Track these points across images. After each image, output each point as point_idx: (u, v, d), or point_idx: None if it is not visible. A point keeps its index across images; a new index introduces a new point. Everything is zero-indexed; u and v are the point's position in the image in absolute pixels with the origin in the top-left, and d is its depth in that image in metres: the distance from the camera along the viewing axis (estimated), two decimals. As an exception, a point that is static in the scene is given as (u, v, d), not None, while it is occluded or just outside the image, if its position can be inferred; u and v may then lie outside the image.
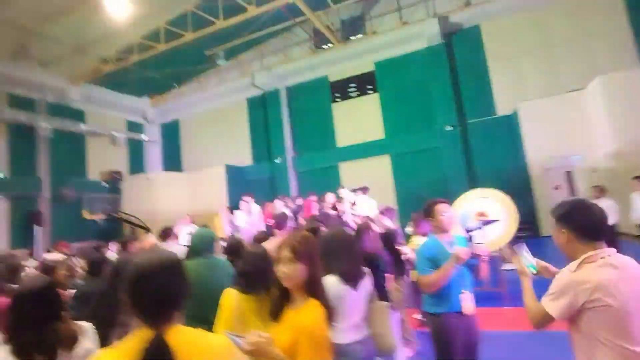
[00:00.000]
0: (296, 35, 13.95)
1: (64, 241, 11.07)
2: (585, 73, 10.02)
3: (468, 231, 7.40)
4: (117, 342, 1.19)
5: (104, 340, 1.77)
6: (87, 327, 1.82)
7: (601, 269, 1.55)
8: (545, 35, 11.21)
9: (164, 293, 1.14)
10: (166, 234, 5.39)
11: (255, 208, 10.09)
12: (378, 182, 11.53)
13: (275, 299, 1.73)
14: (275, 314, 1.69)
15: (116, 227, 13.49)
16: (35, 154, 12.59)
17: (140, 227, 12.94)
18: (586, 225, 1.64)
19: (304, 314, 1.62)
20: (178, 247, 5.19)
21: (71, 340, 1.71)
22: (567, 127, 10.05)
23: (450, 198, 10.31)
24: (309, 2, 11.05)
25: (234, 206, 11.00)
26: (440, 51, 12.19)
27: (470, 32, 12.15)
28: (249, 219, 9.95)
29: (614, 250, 1.62)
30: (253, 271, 2.31)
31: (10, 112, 11.70)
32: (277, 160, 13.95)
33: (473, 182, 11.02)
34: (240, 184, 13.62)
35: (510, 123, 11.21)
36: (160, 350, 1.06)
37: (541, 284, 1.84)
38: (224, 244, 3.76)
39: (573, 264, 1.62)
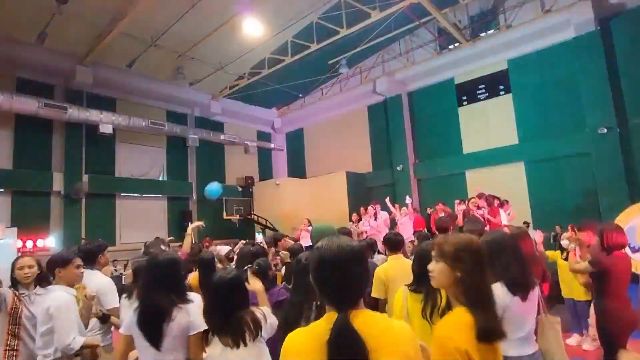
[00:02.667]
0: (420, 37, 13.91)
1: (207, 237, 12.91)
2: None
3: (634, 251, 6.40)
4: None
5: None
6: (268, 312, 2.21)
7: None
8: None
9: (347, 278, 1.22)
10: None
11: (382, 214, 10.34)
12: (509, 192, 10.69)
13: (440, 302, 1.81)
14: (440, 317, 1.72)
15: (249, 227, 15.13)
16: (186, 162, 14.96)
17: (269, 228, 14.34)
18: None
19: (442, 321, 1.57)
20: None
21: (256, 326, 2.03)
22: None
23: (603, 212, 9.08)
24: (434, 0, 10.73)
25: (355, 212, 11.33)
26: (593, 40, 10.88)
27: (636, 13, 10.36)
28: (374, 224, 10.24)
29: None
30: (420, 270, 2.33)
31: (169, 125, 14.03)
32: (398, 168, 13.97)
33: (635, 194, 9.44)
34: (360, 191, 14.02)
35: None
36: (346, 331, 1.14)
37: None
38: None
39: None
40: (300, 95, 17.26)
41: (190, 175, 15.23)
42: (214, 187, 6.13)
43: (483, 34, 12.69)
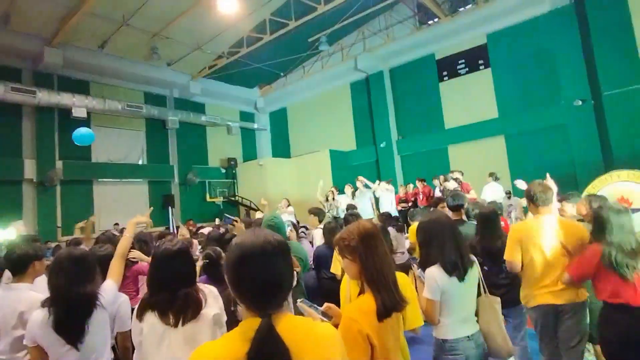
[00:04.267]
0: (399, 12, 13.62)
1: (191, 220, 12.67)
2: None
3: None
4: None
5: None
6: (215, 292, 2.03)
7: None
8: None
9: (273, 277, 1.07)
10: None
11: (365, 193, 10.28)
12: (491, 166, 10.80)
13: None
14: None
15: (233, 209, 14.90)
16: (166, 144, 14.48)
17: (253, 209, 14.16)
18: None
19: (349, 306, 1.68)
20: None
21: (197, 304, 1.87)
22: None
23: (579, 183, 9.30)
24: (413, -25, 10.54)
25: (339, 191, 11.25)
26: (568, 13, 10.89)
27: (608, -14, 10.41)
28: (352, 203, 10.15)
29: None
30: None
31: (146, 107, 13.49)
32: (382, 145, 13.92)
33: (609, 165, 9.73)
34: (344, 169, 13.92)
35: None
36: (271, 338, 0.99)
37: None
38: None
39: None
40: (282, 74, 16.72)
41: (171, 158, 14.68)
42: (81, 133, 4.63)
43: (462, 9, 12.54)
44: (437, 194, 9.21)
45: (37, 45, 10.96)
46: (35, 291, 2.39)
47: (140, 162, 13.94)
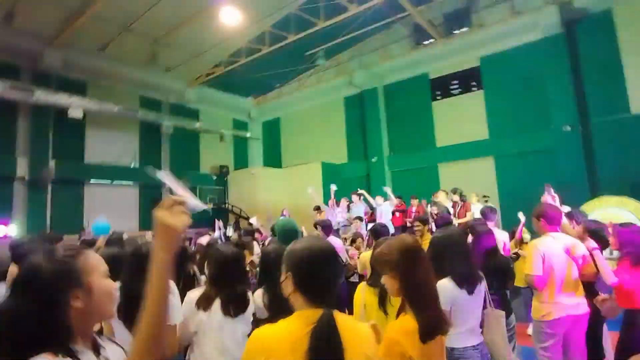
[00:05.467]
0: (396, 32, 14.06)
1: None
2: None
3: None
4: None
5: None
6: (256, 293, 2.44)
7: None
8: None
9: (334, 276, 1.30)
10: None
11: (359, 206, 10.46)
12: (479, 185, 11.07)
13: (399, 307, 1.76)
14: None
15: (222, 216, 15.03)
16: (159, 149, 14.71)
17: (243, 217, 14.32)
18: None
19: (390, 325, 1.66)
20: None
21: (248, 301, 2.29)
22: None
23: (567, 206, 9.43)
24: (410, -4, 10.98)
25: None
26: (559, 42, 11.26)
27: (599, 18, 10.85)
28: (348, 216, 10.37)
29: None
30: (374, 264, 2.38)
31: (141, 112, 13.75)
32: (373, 160, 14.21)
33: (595, 190, 9.98)
34: (335, 182, 14.11)
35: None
36: (331, 327, 1.16)
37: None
38: None
39: None
40: (277, 85, 17.07)
41: (163, 163, 14.86)
42: (101, 225, 5.43)
43: (457, 32, 12.95)
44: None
45: (38, 45, 11.17)
46: None
47: (132, 165, 14.15)
